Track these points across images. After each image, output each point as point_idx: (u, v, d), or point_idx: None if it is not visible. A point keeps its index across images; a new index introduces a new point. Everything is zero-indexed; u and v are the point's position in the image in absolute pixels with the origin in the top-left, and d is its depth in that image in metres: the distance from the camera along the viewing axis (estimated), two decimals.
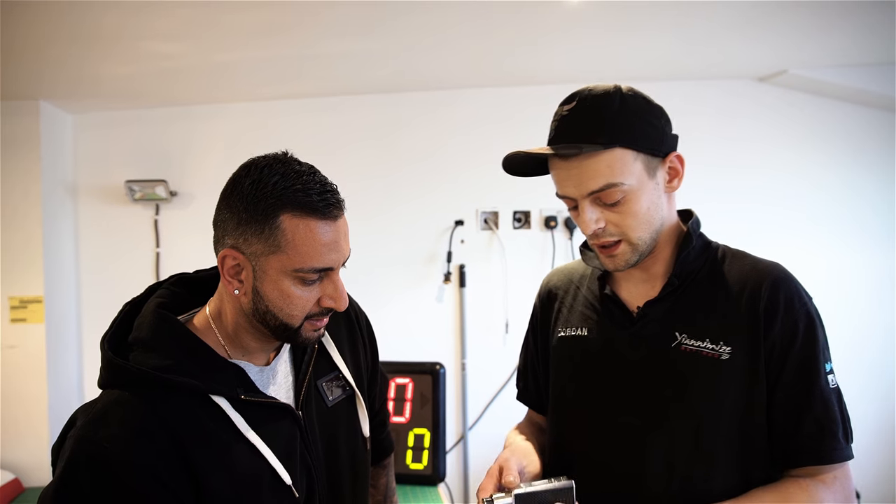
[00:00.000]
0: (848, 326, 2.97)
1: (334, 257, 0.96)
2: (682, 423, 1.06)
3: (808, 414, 1.02)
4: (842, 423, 1.04)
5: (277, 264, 0.94)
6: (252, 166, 0.96)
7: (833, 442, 1.02)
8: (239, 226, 0.95)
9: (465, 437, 3.06)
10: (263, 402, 1.00)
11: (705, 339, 1.06)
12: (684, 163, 1.10)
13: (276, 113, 3.11)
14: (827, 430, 1.02)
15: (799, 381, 1.03)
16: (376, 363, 1.32)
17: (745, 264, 1.11)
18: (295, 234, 0.93)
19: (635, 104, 1.05)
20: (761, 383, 1.04)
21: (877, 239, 3.01)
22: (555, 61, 2.71)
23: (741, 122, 3.02)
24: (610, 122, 1.02)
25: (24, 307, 2.88)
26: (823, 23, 2.31)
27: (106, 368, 0.96)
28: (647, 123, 1.05)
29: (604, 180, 1.02)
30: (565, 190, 1.06)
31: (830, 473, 1.03)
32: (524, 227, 3.08)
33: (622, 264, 1.08)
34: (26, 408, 2.87)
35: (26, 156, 2.88)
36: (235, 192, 0.95)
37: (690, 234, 1.12)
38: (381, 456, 1.42)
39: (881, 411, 3.00)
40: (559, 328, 1.24)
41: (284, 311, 0.97)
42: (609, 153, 1.01)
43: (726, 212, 2.99)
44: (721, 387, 1.04)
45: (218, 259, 0.99)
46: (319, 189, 0.94)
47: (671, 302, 1.11)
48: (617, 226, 1.05)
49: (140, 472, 0.88)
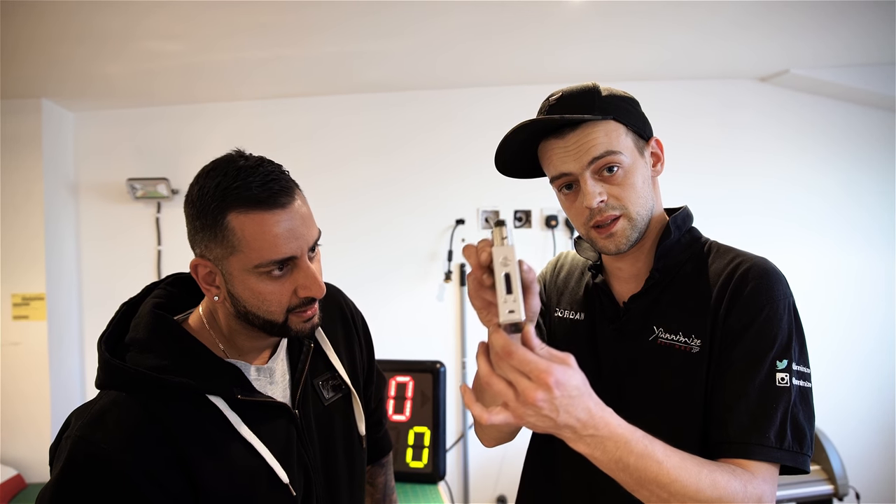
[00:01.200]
0: (849, 325, 2.98)
1: (293, 245, 0.93)
2: (656, 417, 1.03)
3: (742, 404, 0.97)
4: (779, 425, 0.97)
5: (238, 264, 0.93)
6: (200, 174, 0.97)
7: (760, 439, 0.96)
8: (198, 234, 0.95)
9: (465, 436, 3.07)
10: (260, 402, 1.00)
11: (678, 332, 1.05)
12: (663, 148, 1.12)
13: (277, 111, 3.11)
14: (757, 425, 0.96)
15: (739, 370, 0.99)
16: (372, 362, 1.33)
17: (727, 258, 1.08)
18: (244, 231, 0.91)
19: (614, 93, 1.09)
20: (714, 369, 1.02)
21: (878, 237, 3.01)
22: (557, 61, 2.71)
23: (743, 121, 3.02)
24: (599, 100, 1.05)
25: (26, 304, 2.89)
26: (824, 23, 2.31)
27: (103, 369, 0.96)
28: (631, 105, 1.09)
29: (603, 147, 1.02)
30: (564, 166, 1.04)
31: (757, 469, 0.95)
32: (525, 226, 3.08)
33: (623, 241, 1.06)
34: (28, 404, 2.88)
35: (28, 153, 2.89)
36: (188, 204, 0.96)
37: (669, 227, 1.10)
38: (379, 454, 1.43)
39: (880, 412, 3.00)
40: (559, 308, 1.24)
41: (263, 309, 0.96)
42: (605, 123, 1.03)
43: (727, 211, 2.99)
44: (692, 381, 1.03)
45: (191, 269, 0.99)
46: (261, 181, 0.92)
47: (654, 296, 1.10)
48: (618, 198, 1.04)
49: (137, 472, 0.88)
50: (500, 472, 3.04)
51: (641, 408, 1.06)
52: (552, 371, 0.76)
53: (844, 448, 2.65)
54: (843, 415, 2.90)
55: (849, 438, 2.83)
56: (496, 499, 3.06)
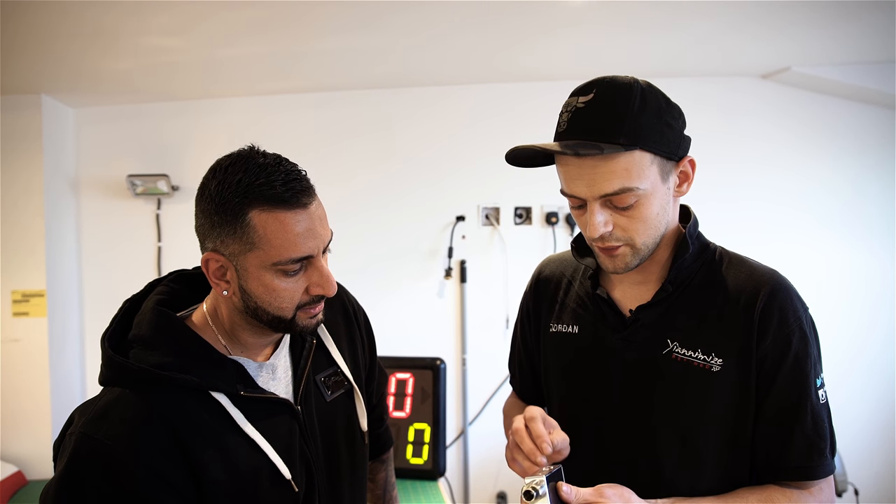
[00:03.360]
0: (849, 325, 2.98)
1: (311, 245, 0.95)
2: (669, 430, 1.05)
3: (798, 430, 1.01)
4: (829, 440, 1.02)
5: (256, 261, 0.94)
6: (217, 168, 0.96)
7: (821, 459, 1.01)
8: (213, 229, 0.95)
9: (466, 433, 3.07)
10: (263, 398, 1.01)
11: (697, 349, 1.04)
12: (696, 168, 1.05)
13: (277, 108, 3.11)
14: (815, 447, 1.01)
15: (790, 397, 1.01)
16: (374, 358, 1.33)
17: (741, 271, 1.07)
18: (266, 228, 0.92)
19: (656, 103, 0.98)
20: (751, 396, 1.03)
21: (879, 236, 3.01)
22: (557, 58, 2.71)
23: (744, 119, 3.02)
24: (631, 121, 0.95)
25: (26, 301, 2.89)
26: (826, 21, 2.31)
27: (106, 366, 0.97)
28: (667, 125, 0.99)
29: (619, 184, 0.95)
30: (575, 189, 0.99)
31: (816, 486, 1.03)
32: (525, 222, 3.08)
33: (622, 267, 1.04)
34: (29, 401, 2.88)
35: (28, 150, 2.88)
36: (204, 197, 0.95)
37: (687, 240, 1.07)
38: (380, 450, 1.43)
39: (882, 411, 3.01)
40: (551, 323, 1.22)
41: (274, 305, 0.97)
42: (628, 155, 0.95)
43: (728, 209, 2.99)
44: (710, 398, 1.03)
45: (202, 263, 0.99)
46: (283, 179, 0.92)
47: (664, 307, 1.08)
48: (624, 230, 1.00)
49: (141, 468, 0.88)
50: (500, 469, 3.05)
51: (654, 418, 1.06)
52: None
53: (843, 445, 2.66)
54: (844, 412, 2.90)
55: (847, 436, 2.83)
56: (496, 496, 3.07)
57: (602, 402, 1.11)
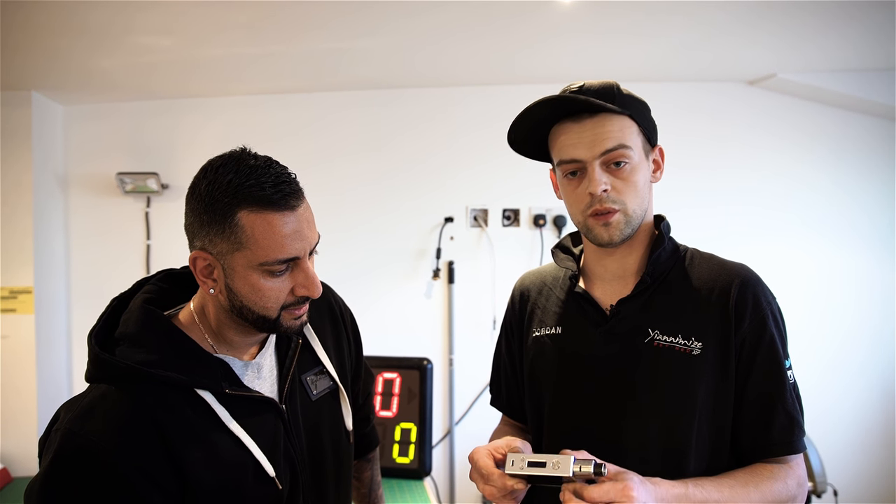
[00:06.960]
0: (838, 329, 3.01)
1: (298, 246, 0.97)
2: (655, 417, 1.09)
3: (781, 407, 1.08)
4: (802, 416, 1.10)
5: (243, 261, 0.95)
6: (208, 168, 0.98)
7: (801, 433, 1.09)
8: (202, 228, 0.96)
9: (452, 432, 3.09)
10: (247, 396, 1.02)
11: (677, 335, 1.10)
12: (664, 158, 1.18)
13: (268, 108, 3.11)
14: (795, 422, 1.08)
15: (771, 374, 1.08)
16: (360, 358, 1.34)
17: (713, 265, 1.16)
18: (254, 229, 0.94)
19: (632, 94, 1.14)
20: (731, 378, 1.09)
21: (866, 239, 3.03)
22: (547, 62, 2.73)
23: (731, 124, 3.05)
24: (619, 96, 1.10)
25: (14, 297, 2.89)
26: (812, 27, 2.34)
27: (93, 363, 0.98)
28: (646, 109, 1.15)
29: (616, 141, 1.07)
30: (575, 153, 1.09)
31: (794, 460, 1.10)
32: (513, 224, 3.10)
33: (617, 234, 1.10)
34: (15, 398, 2.87)
35: (18, 146, 2.88)
36: (195, 196, 0.97)
37: (663, 234, 1.17)
38: (366, 450, 1.45)
39: (877, 412, 3.04)
40: (534, 328, 1.26)
41: (259, 304, 0.98)
42: (621, 118, 1.08)
43: (714, 214, 3.02)
44: (693, 381, 1.08)
45: (189, 262, 1.00)
46: (273, 181, 0.94)
47: (644, 300, 1.14)
48: (619, 192, 1.09)
49: (126, 464, 0.90)
50: None
51: (640, 405, 1.10)
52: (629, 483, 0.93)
53: (823, 446, 2.69)
54: (828, 414, 2.93)
55: (829, 437, 2.87)
56: (481, 495, 3.08)
57: (588, 394, 1.14)
